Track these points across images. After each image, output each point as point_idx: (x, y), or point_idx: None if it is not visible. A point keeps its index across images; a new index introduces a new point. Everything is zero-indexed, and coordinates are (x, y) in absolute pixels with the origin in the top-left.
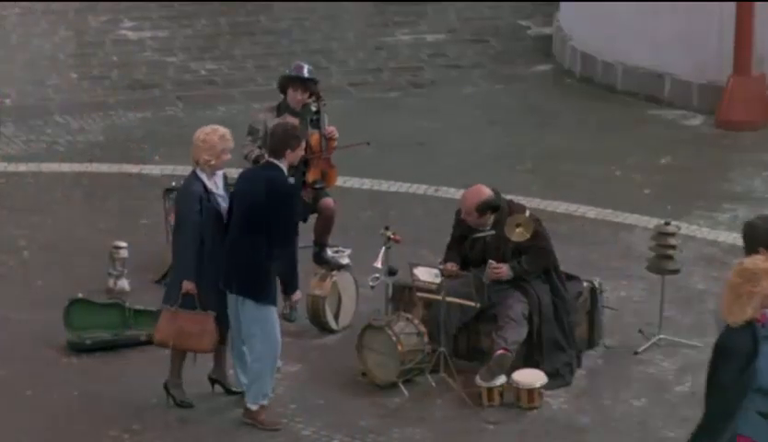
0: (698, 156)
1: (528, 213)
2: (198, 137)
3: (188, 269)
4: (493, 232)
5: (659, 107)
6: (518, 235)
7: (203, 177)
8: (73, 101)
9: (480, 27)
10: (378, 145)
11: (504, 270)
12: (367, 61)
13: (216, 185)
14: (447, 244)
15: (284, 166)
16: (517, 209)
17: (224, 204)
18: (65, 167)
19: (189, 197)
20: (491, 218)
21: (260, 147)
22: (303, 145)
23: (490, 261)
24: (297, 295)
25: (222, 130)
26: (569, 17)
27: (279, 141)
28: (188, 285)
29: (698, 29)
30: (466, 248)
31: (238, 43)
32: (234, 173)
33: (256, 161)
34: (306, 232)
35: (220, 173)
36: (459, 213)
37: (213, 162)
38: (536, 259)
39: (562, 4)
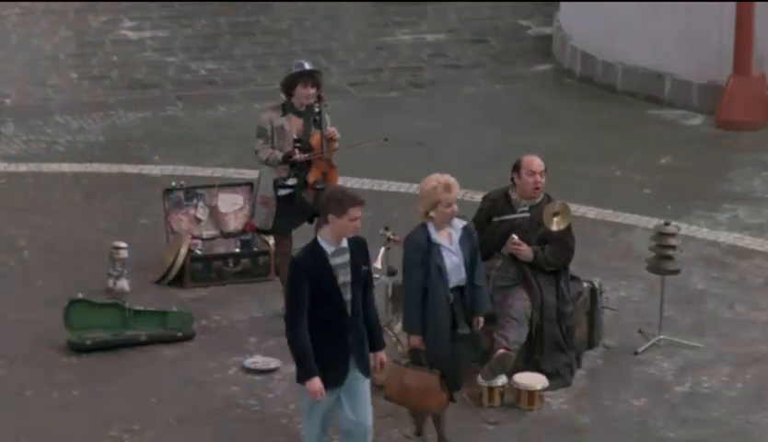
0: (698, 156)
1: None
2: (421, 186)
3: (412, 323)
4: (527, 214)
5: (659, 107)
6: (556, 223)
7: (430, 227)
8: (73, 101)
9: (480, 27)
10: (378, 145)
11: (525, 249)
12: (367, 61)
13: (445, 237)
14: None
15: (321, 234)
16: (553, 200)
17: (454, 259)
18: (65, 167)
19: (409, 246)
20: (542, 192)
21: (272, 148)
22: (350, 214)
23: (513, 235)
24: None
25: (444, 180)
26: (569, 17)
27: (323, 201)
28: (414, 341)
29: (698, 29)
30: (489, 231)
31: (238, 43)
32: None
33: (285, 160)
34: (306, 232)
35: (458, 225)
36: (485, 199)
37: (431, 214)
38: (560, 253)
39: (562, 4)
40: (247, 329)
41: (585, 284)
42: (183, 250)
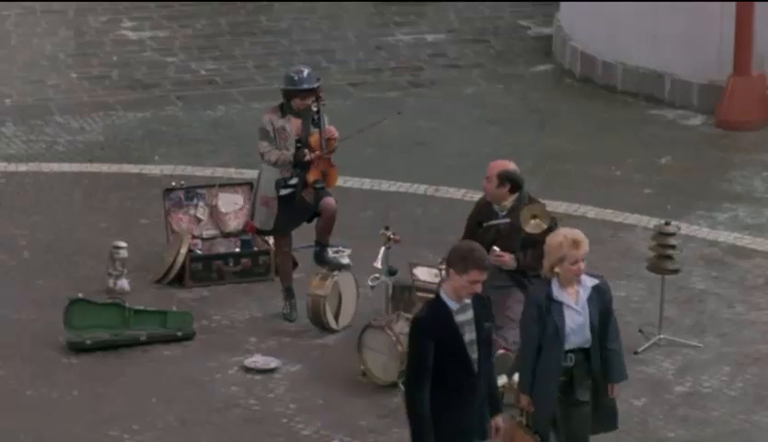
0: (698, 156)
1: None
2: (547, 240)
3: (523, 381)
4: (507, 220)
5: (659, 107)
6: (533, 226)
7: (554, 283)
8: (73, 101)
9: (480, 27)
10: (379, 145)
11: (506, 258)
12: (367, 61)
13: (570, 295)
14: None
15: (444, 290)
16: (535, 203)
17: (578, 319)
18: (65, 167)
19: (528, 301)
20: (509, 200)
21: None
22: (471, 276)
23: (494, 247)
24: None
25: (572, 235)
26: (569, 17)
27: (449, 253)
28: (523, 400)
29: (698, 29)
30: (478, 237)
31: (238, 43)
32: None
33: (296, 159)
34: (307, 232)
35: (588, 283)
36: (477, 204)
37: (556, 270)
38: (542, 256)
39: (562, 4)
40: (247, 329)
41: None
42: (183, 250)
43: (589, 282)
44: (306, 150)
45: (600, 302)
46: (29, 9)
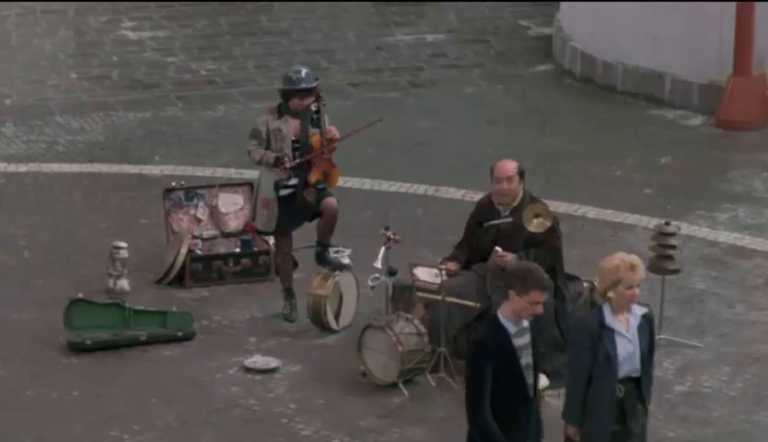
0: (698, 156)
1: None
2: (601, 263)
3: (572, 411)
4: (510, 219)
5: (659, 107)
6: (536, 225)
7: (606, 310)
8: (73, 101)
9: (480, 27)
10: (379, 145)
11: (509, 258)
12: (367, 61)
13: (621, 322)
14: (457, 243)
15: (502, 312)
16: (537, 202)
17: (629, 347)
18: (65, 167)
19: (578, 328)
20: (518, 196)
21: (266, 149)
22: (532, 297)
23: (496, 248)
24: None
25: (629, 259)
26: (569, 17)
27: (507, 276)
28: (569, 430)
29: (698, 29)
30: (479, 236)
31: (238, 43)
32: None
33: (276, 164)
34: (307, 232)
35: (638, 311)
36: (477, 204)
37: (609, 294)
38: (545, 255)
39: (562, 4)
40: (247, 329)
41: (585, 284)
42: (183, 250)
43: (639, 310)
44: (287, 158)
45: (648, 331)
46: (29, 9)
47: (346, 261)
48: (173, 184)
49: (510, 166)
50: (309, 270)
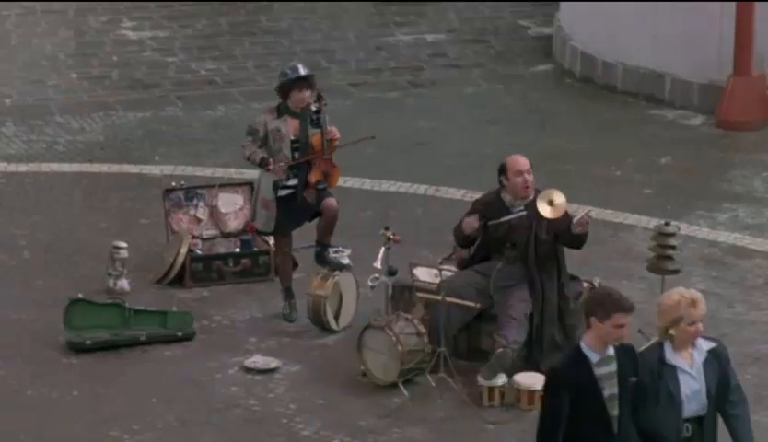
0: (698, 156)
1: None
2: (660, 299)
3: None
4: (524, 212)
5: (659, 107)
6: (553, 211)
7: (667, 347)
8: (73, 101)
9: (480, 27)
10: (379, 145)
11: (585, 218)
12: (367, 61)
13: (684, 359)
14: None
15: (585, 341)
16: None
17: (693, 384)
18: (65, 167)
19: (642, 367)
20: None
21: (260, 147)
22: (614, 320)
23: (587, 213)
24: None
25: (690, 295)
26: (569, 17)
27: (585, 305)
28: None
29: (698, 29)
30: (487, 234)
31: (238, 43)
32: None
33: (260, 164)
34: (307, 232)
35: (704, 346)
36: (477, 202)
37: (671, 331)
38: (571, 240)
39: (562, 4)
40: (247, 329)
41: (585, 284)
42: (183, 250)
43: (705, 345)
44: (271, 160)
45: (718, 366)
46: (29, 9)
47: (346, 261)
48: (173, 184)
49: (525, 158)
50: (309, 270)
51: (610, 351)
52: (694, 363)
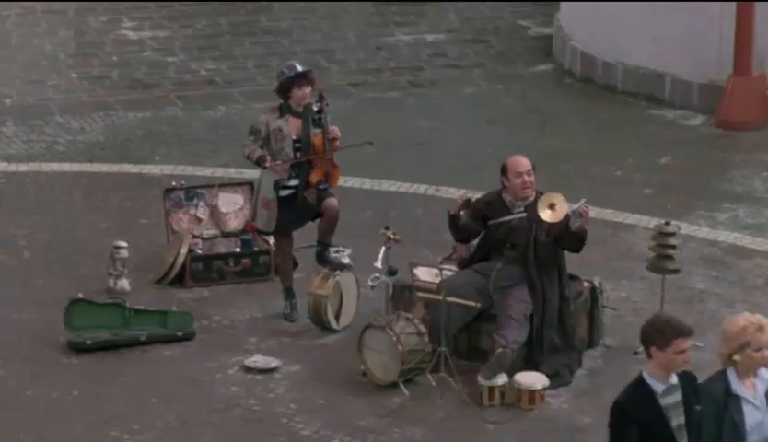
0: (698, 156)
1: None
2: (724, 325)
3: None
4: (524, 214)
5: (659, 107)
6: (553, 215)
7: (731, 375)
8: (73, 101)
9: (480, 27)
10: (379, 145)
11: (583, 208)
12: (367, 61)
13: (748, 388)
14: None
15: (648, 372)
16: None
17: (757, 415)
18: (65, 167)
19: (705, 397)
20: (533, 190)
21: (261, 147)
22: (675, 346)
23: (582, 204)
24: None
25: (757, 320)
26: (569, 17)
27: (643, 332)
28: None
29: (698, 29)
30: (488, 233)
31: (238, 43)
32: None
33: (258, 162)
34: (307, 232)
35: (765, 375)
36: (478, 201)
37: (735, 358)
38: (571, 243)
39: (562, 4)
40: (247, 329)
41: (585, 284)
42: (184, 250)
43: (765, 373)
44: (268, 157)
45: None
46: (29, 9)
47: (346, 260)
48: (173, 184)
49: (526, 159)
50: (310, 270)
51: (674, 379)
52: (757, 393)
